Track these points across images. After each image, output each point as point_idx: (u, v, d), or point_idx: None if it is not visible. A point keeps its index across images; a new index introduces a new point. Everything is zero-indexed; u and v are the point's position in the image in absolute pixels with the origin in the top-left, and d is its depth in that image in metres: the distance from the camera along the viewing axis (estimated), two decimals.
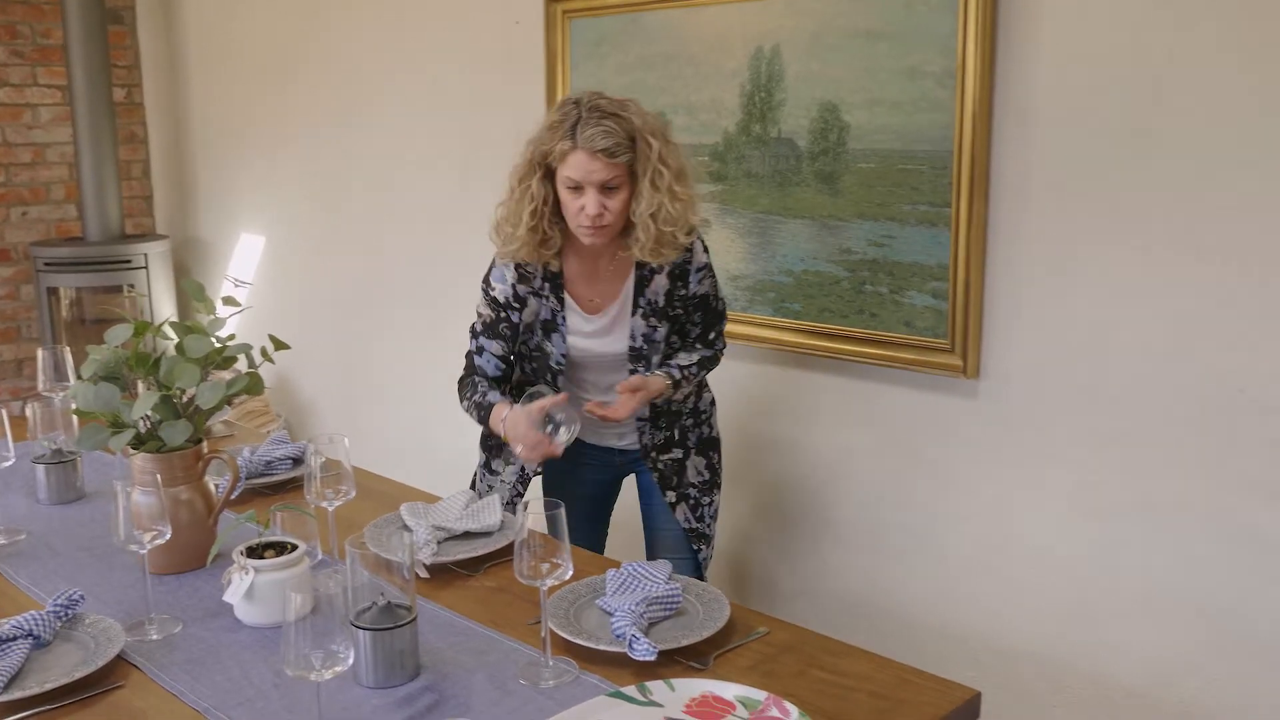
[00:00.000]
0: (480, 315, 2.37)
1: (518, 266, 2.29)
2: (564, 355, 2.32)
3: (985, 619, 2.61)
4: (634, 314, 2.31)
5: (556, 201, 2.22)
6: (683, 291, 2.33)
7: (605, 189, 2.15)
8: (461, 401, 2.37)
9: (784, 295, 2.81)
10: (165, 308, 4.77)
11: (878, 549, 2.78)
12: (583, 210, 2.16)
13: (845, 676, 1.63)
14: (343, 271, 4.24)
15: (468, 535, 2.12)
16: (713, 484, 2.51)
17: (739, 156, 2.85)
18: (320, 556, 2.01)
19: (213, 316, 2.02)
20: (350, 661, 1.41)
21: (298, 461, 2.52)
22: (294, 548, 1.82)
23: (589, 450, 2.46)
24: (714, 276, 2.39)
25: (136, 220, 5.11)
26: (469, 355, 2.40)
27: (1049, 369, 2.42)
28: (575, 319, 2.32)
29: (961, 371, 2.52)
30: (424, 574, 1.97)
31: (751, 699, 1.52)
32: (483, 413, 2.31)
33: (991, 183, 2.43)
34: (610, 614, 1.76)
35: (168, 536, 1.79)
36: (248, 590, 1.78)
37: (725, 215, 2.90)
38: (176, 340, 1.96)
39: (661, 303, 2.31)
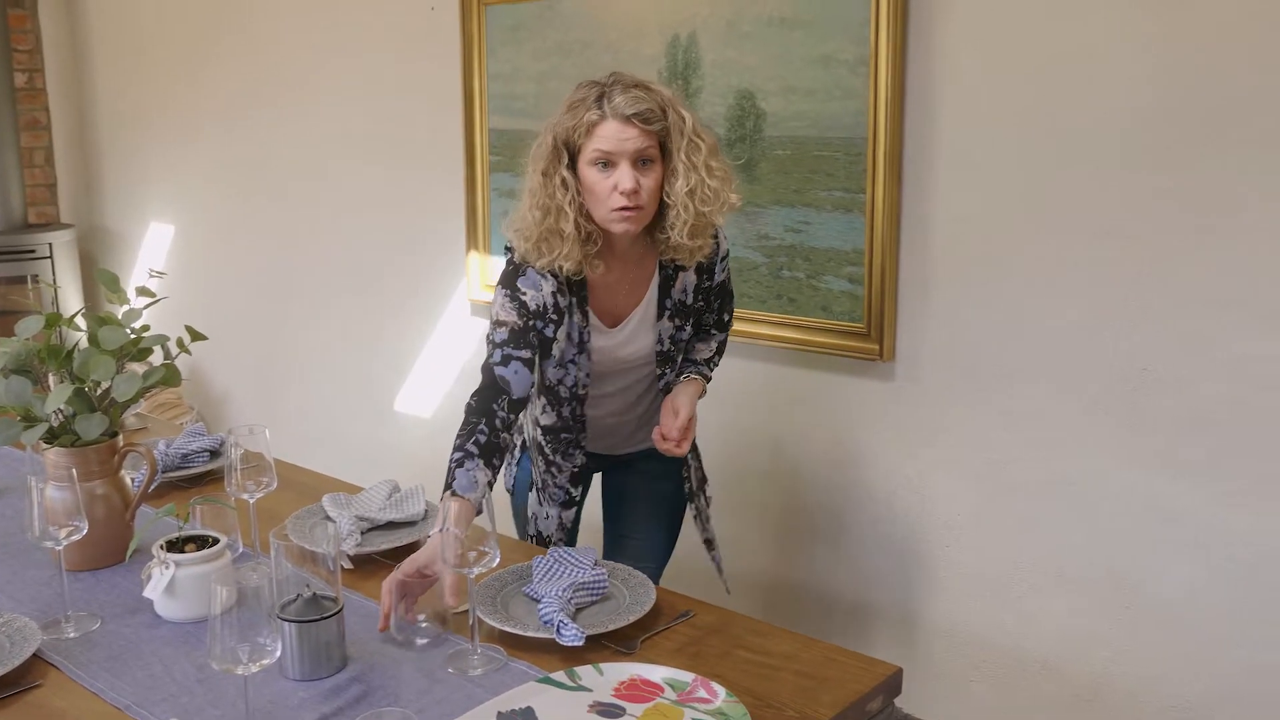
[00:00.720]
0: (502, 324, 2.00)
1: (555, 275, 1.99)
2: (589, 375, 2.08)
3: (905, 597, 2.67)
4: (660, 318, 2.09)
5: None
6: (708, 284, 2.13)
7: (639, 163, 1.90)
8: (459, 432, 2.00)
9: None
10: (72, 298, 4.65)
11: (800, 531, 2.83)
12: (615, 189, 1.90)
13: (770, 656, 1.66)
14: (256, 261, 4.17)
15: (391, 525, 2.11)
16: (701, 486, 2.34)
17: None
18: (241, 549, 1.99)
19: (127, 307, 1.98)
20: (277, 654, 1.40)
21: (214, 454, 2.49)
22: (215, 541, 1.80)
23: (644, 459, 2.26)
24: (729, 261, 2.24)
25: (40, 209, 4.97)
26: (487, 368, 2.01)
27: (962, 351, 2.48)
28: (598, 336, 2.07)
29: (878, 355, 2.56)
30: (348, 565, 1.96)
31: (679, 680, 1.55)
32: (449, 478, 1.92)
33: (904, 169, 2.48)
34: (537, 600, 1.77)
35: (84, 532, 1.76)
36: (168, 585, 1.75)
37: None
38: (88, 332, 1.91)
39: (690, 300, 2.11)
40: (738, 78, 2.69)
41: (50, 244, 4.58)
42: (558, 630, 1.65)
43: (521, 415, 2.15)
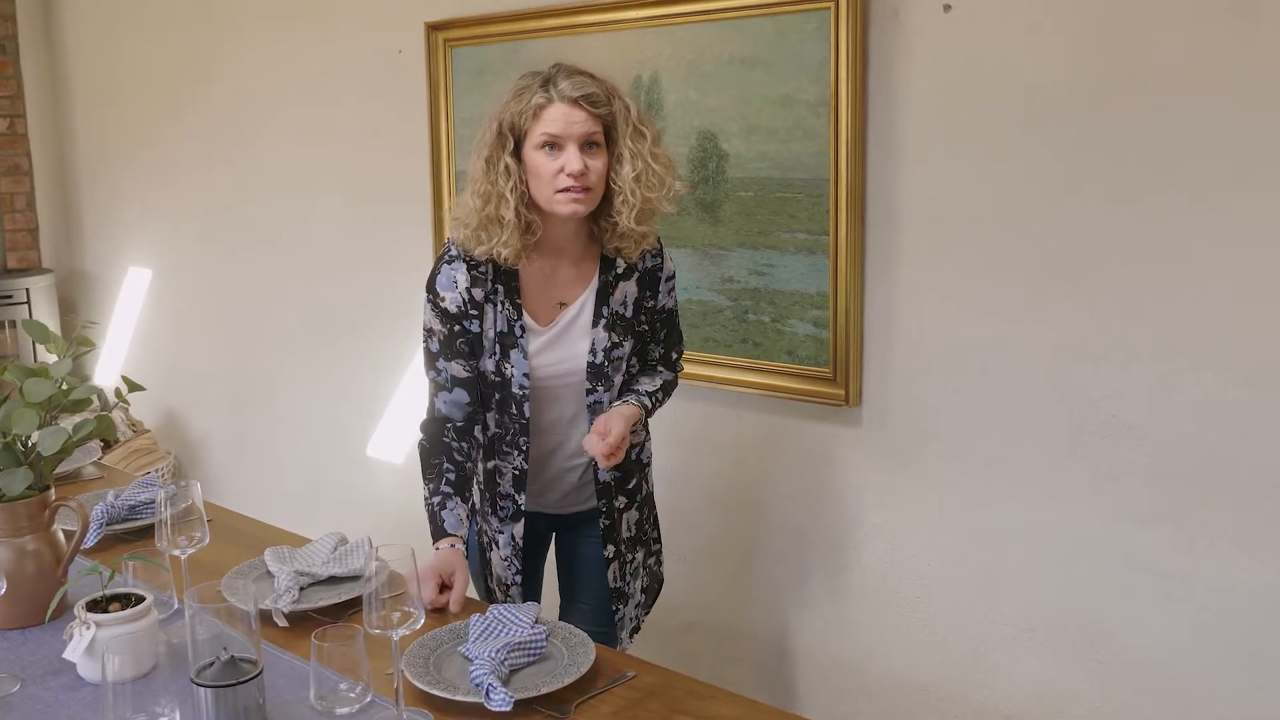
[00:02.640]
0: (432, 334, 2.03)
1: (470, 267, 1.99)
2: (527, 376, 2.02)
3: (874, 648, 2.59)
4: (595, 324, 2.05)
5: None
6: (650, 303, 2.11)
7: (585, 147, 1.91)
8: (424, 480, 2.06)
9: None
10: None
11: (767, 579, 2.76)
12: (562, 171, 1.90)
13: None
14: (233, 304, 4.14)
15: (333, 580, 2.05)
16: (638, 541, 2.25)
17: None
18: (176, 607, 1.93)
19: (56, 359, 1.93)
20: None
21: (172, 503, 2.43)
22: (140, 599, 1.74)
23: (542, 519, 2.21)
24: (676, 291, 2.22)
25: (21, 254, 4.95)
26: (429, 405, 2.07)
27: (928, 395, 2.42)
28: (531, 336, 2.03)
29: (844, 400, 2.51)
30: (282, 622, 1.90)
31: None
32: (432, 525, 2.02)
33: (867, 209, 2.44)
34: (471, 661, 1.70)
35: (2, 590, 1.70)
36: (89, 646, 1.69)
37: None
38: (17, 384, 1.87)
39: (629, 314, 2.08)
40: (700, 118, 2.66)
41: (28, 289, 4.56)
42: (486, 694, 1.58)
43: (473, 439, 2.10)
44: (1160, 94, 2.06)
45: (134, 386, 2.01)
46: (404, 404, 3.50)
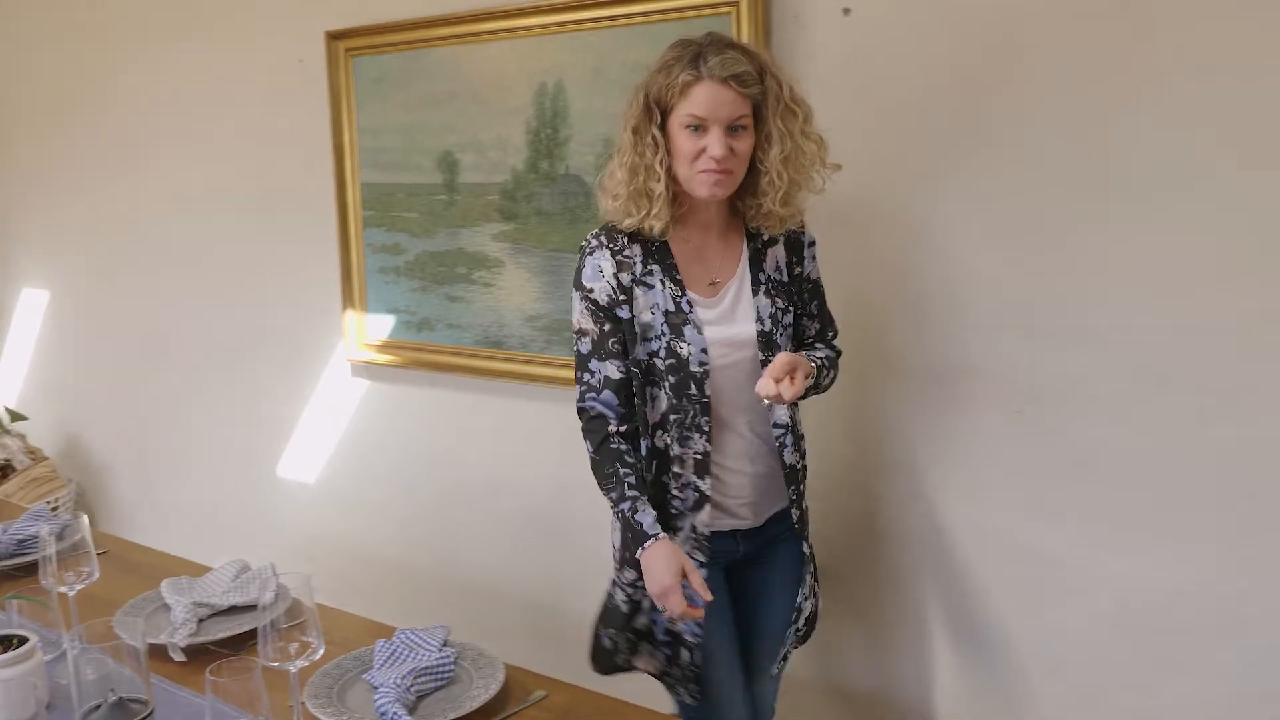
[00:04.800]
0: (584, 335, 1.95)
1: (614, 252, 1.92)
2: (705, 351, 1.90)
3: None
4: (756, 293, 1.96)
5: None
6: (798, 269, 2.02)
7: (731, 129, 1.84)
8: (603, 491, 1.95)
9: None
10: None
11: None
12: (704, 153, 1.84)
13: None
14: (134, 325, 4.01)
15: (234, 610, 1.98)
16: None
17: (529, 194, 2.78)
18: (65, 647, 1.85)
19: None
20: None
21: (58, 537, 2.33)
22: (22, 641, 1.66)
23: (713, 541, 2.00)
24: (818, 263, 2.11)
25: None
26: (582, 410, 1.98)
27: (830, 395, 2.41)
28: (701, 309, 1.93)
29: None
30: (178, 657, 1.83)
31: None
32: (630, 533, 1.89)
33: None
34: (376, 689, 1.65)
35: None
36: None
37: (518, 254, 2.83)
38: None
39: (785, 278, 2.00)
40: (606, 125, 2.62)
41: None
42: None
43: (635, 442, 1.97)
44: (1054, 95, 2.07)
45: (16, 416, 1.93)
46: (313, 423, 3.42)
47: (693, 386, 1.90)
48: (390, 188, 3.06)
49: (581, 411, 1.97)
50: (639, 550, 1.86)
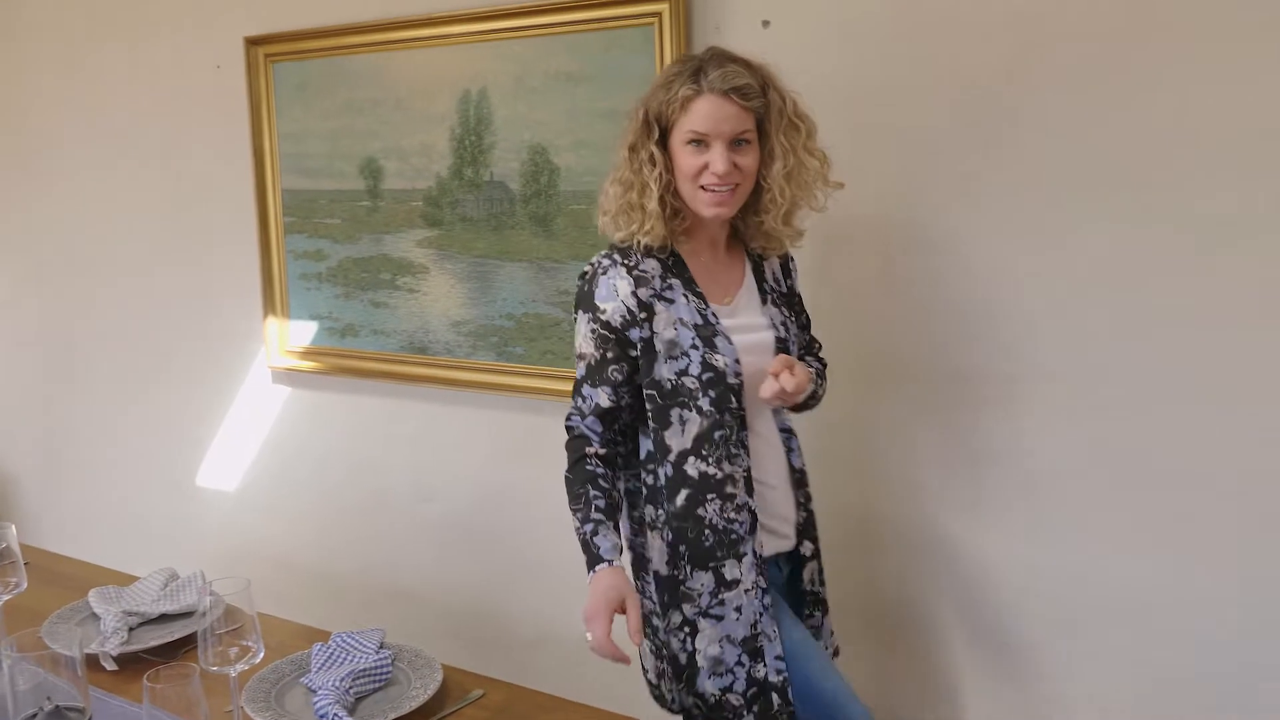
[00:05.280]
0: (582, 359, 1.87)
1: (629, 269, 1.84)
2: (738, 361, 1.83)
3: None
4: (764, 303, 1.94)
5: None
6: (789, 281, 2.03)
7: (734, 143, 1.79)
8: (571, 511, 1.85)
9: (507, 339, 2.78)
10: None
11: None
12: (706, 169, 1.78)
13: None
14: (47, 335, 3.93)
15: (165, 618, 1.98)
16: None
17: (453, 201, 2.80)
18: None
19: None
20: None
21: None
22: None
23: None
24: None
25: None
26: (568, 427, 1.90)
27: None
28: (724, 320, 1.87)
29: None
30: (110, 665, 1.82)
31: None
32: (586, 555, 1.80)
33: None
34: (314, 692, 1.67)
35: None
36: None
37: (443, 260, 2.85)
38: None
39: (783, 289, 1.99)
40: (530, 133, 2.66)
41: None
42: None
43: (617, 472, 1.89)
44: (973, 98, 2.15)
45: None
46: (234, 430, 3.40)
47: (733, 399, 1.83)
48: (313, 194, 3.06)
49: (568, 429, 1.91)
50: (590, 570, 1.78)
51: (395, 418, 3.04)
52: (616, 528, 1.82)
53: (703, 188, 1.80)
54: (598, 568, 1.76)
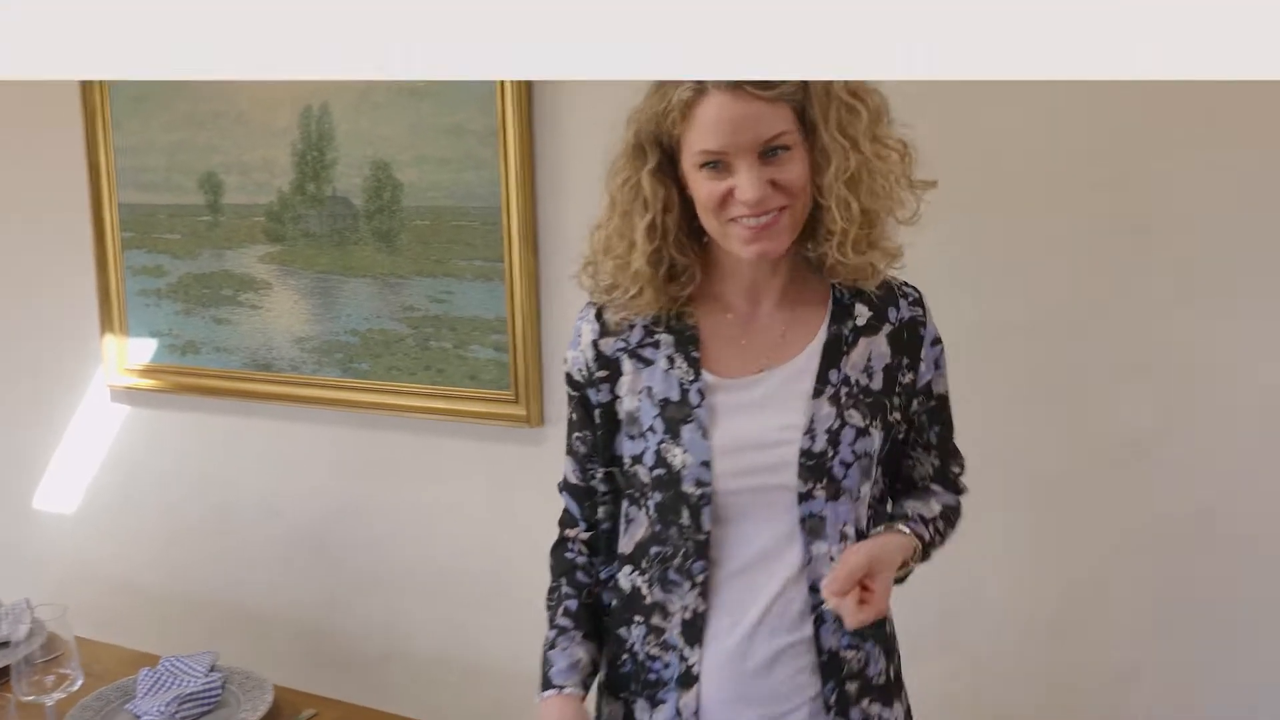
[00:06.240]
0: (568, 420, 1.51)
1: (601, 312, 1.42)
2: (707, 466, 1.33)
3: None
4: (818, 395, 1.35)
5: (681, 212, 1.36)
6: (910, 375, 1.40)
7: (766, 153, 1.27)
8: (547, 602, 1.53)
9: (351, 355, 2.76)
10: None
11: (465, 600, 2.78)
12: (732, 197, 1.28)
13: None
14: None
15: None
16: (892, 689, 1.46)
17: (295, 216, 2.78)
18: None
19: None
20: None
21: None
22: None
23: None
24: (946, 369, 1.47)
25: None
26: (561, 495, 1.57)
27: None
28: (721, 397, 1.36)
29: (525, 421, 2.56)
30: None
31: None
32: (543, 668, 1.44)
33: (540, 236, 2.51)
34: (138, 718, 1.64)
35: None
36: None
37: (286, 276, 2.82)
38: None
39: (877, 385, 1.37)
40: (373, 148, 2.65)
41: None
42: None
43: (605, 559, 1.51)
44: None
45: None
46: (72, 451, 3.30)
47: (684, 514, 1.36)
48: (151, 208, 3.00)
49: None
50: (547, 691, 1.41)
51: (239, 435, 3.00)
52: (590, 634, 1.46)
53: (733, 220, 1.30)
54: (546, 694, 1.41)
